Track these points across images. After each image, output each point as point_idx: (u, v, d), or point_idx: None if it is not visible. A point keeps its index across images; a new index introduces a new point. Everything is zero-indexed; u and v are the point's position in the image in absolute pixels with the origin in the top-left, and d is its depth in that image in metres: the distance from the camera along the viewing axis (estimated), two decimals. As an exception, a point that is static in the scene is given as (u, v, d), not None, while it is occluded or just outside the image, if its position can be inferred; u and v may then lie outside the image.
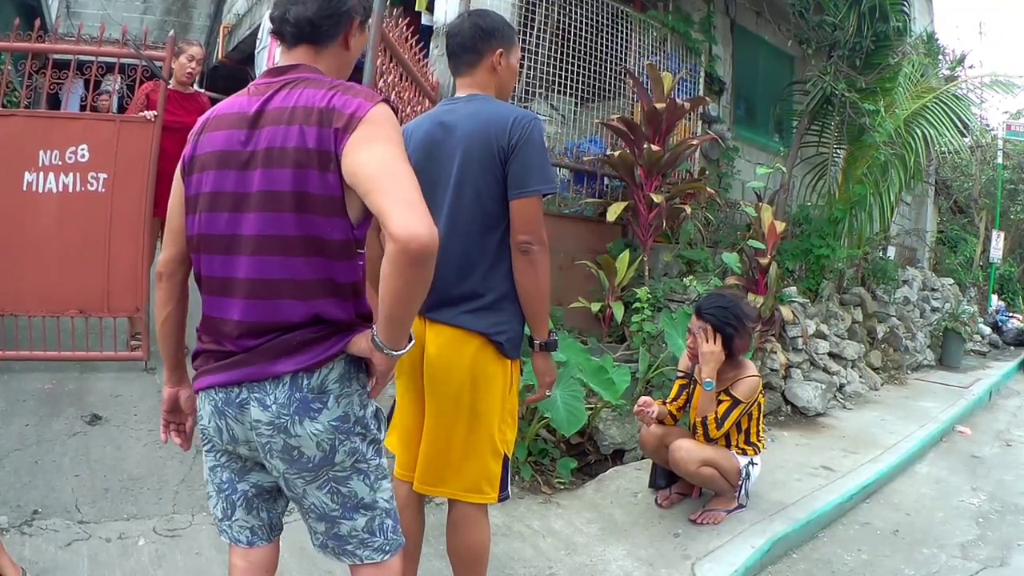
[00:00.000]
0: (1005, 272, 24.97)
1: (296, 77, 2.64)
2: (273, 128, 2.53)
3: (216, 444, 2.77)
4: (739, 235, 10.68)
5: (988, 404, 12.28)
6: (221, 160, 2.60)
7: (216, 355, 2.66)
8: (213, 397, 2.66)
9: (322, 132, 2.46)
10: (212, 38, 19.19)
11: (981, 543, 6.20)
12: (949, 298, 17.29)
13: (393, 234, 2.24)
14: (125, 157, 7.02)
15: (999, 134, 23.54)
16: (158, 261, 2.88)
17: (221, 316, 2.62)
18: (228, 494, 2.84)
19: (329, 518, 2.73)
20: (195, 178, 2.67)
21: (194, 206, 2.67)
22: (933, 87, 12.85)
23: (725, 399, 5.64)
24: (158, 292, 2.89)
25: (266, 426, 2.57)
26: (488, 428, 3.62)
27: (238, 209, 2.56)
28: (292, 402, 2.54)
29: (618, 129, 9.52)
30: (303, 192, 2.47)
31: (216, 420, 2.67)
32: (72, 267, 6.90)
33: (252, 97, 2.65)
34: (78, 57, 7.17)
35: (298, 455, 2.60)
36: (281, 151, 2.49)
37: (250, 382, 2.57)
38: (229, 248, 2.58)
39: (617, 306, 8.80)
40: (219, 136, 2.63)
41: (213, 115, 2.72)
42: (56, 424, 6.02)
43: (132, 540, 4.57)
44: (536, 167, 3.41)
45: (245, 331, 2.57)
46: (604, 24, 10.56)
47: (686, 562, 5.11)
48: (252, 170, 2.54)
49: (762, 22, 13.45)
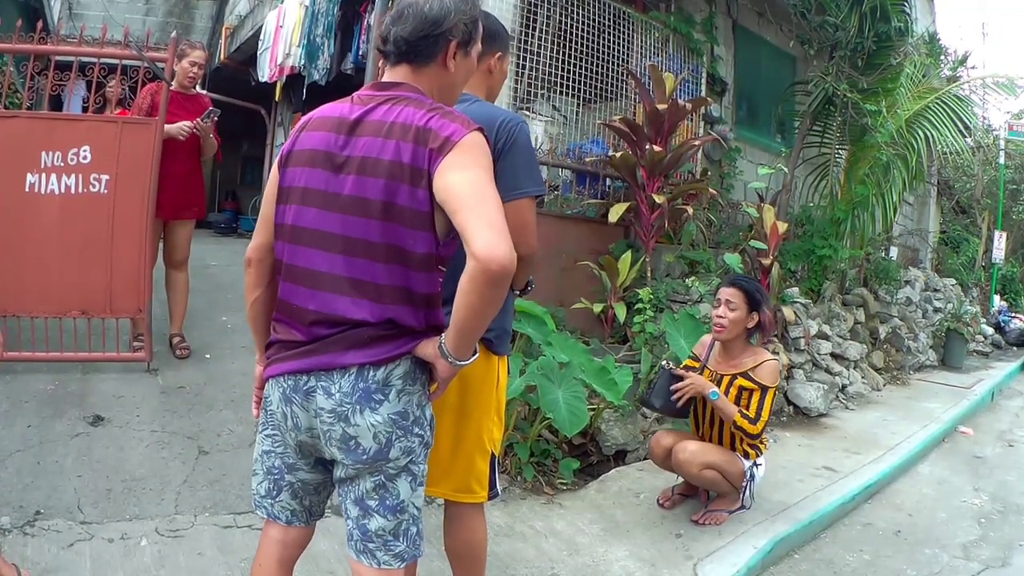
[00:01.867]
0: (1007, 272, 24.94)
1: (398, 95, 2.79)
2: (371, 139, 2.69)
3: (280, 430, 2.90)
4: (741, 236, 10.66)
5: (990, 404, 12.30)
6: (316, 159, 2.77)
7: (288, 344, 2.80)
8: (282, 384, 2.79)
9: (417, 150, 2.61)
10: (214, 39, 19.17)
11: (983, 543, 6.22)
12: (951, 298, 17.29)
13: (475, 253, 2.38)
14: (127, 158, 7.00)
15: (1001, 134, 23.51)
16: (250, 246, 3.00)
17: (298, 304, 2.77)
18: (277, 478, 2.98)
19: (364, 506, 2.80)
20: (291, 172, 2.84)
21: (286, 197, 2.83)
22: (935, 88, 12.83)
23: (752, 386, 5.63)
24: (248, 276, 3.03)
25: (328, 413, 2.69)
26: (477, 427, 3.64)
27: (328, 207, 2.71)
28: (355, 391, 2.66)
29: (620, 130, 9.52)
30: (391, 203, 2.62)
31: (283, 406, 2.81)
32: (74, 268, 6.88)
33: (355, 105, 2.81)
34: (80, 59, 7.18)
35: (355, 445, 2.70)
36: (376, 161, 2.65)
37: (319, 371, 2.70)
38: (315, 242, 2.73)
39: (619, 307, 8.80)
40: (317, 136, 2.80)
41: (316, 116, 2.90)
42: (58, 425, 6.02)
43: (134, 541, 4.58)
44: (523, 169, 3.42)
45: (318, 321, 2.71)
46: (606, 25, 10.55)
47: (688, 562, 5.11)
48: (345, 174, 2.70)
49: (764, 23, 13.45)
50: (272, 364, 2.85)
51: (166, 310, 7.94)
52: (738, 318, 5.67)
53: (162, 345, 7.72)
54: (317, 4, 11.83)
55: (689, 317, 7.62)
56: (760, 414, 5.54)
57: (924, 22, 16.80)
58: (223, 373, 7.41)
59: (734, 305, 5.67)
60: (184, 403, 6.73)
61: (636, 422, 7.19)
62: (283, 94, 14.63)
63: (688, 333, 7.35)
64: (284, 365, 2.78)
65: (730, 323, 5.68)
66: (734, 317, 5.67)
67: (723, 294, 5.79)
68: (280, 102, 16.35)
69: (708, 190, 10.05)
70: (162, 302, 7.84)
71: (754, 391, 5.62)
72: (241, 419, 6.49)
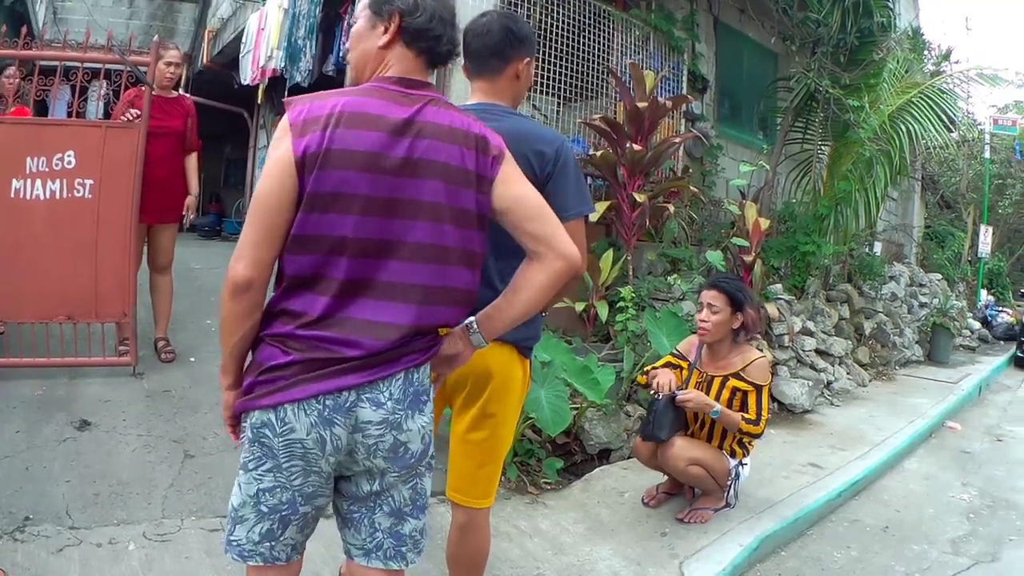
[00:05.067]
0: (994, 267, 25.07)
1: (436, 96, 2.75)
2: (433, 142, 2.63)
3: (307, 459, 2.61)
4: (723, 233, 10.71)
5: (978, 399, 12.35)
6: (374, 162, 2.56)
7: (321, 363, 2.56)
8: (315, 407, 2.55)
9: (479, 156, 2.68)
10: (197, 43, 19.19)
11: (972, 538, 6.24)
12: (937, 293, 17.37)
13: (564, 255, 2.69)
14: (111, 163, 7.00)
15: (986, 128, 23.60)
16: (247, 263, 2.56)
17: (364, 318, 2.58)
18: (286, 514, 2.69)
19: (399, 514, 2.78)
20: (336, 175, 2.53)
21: (334, 204, 2.54)
22: (918, 82, 12.86)
23: (746, 387, 5.65)
24: (242, 302, 2.61)
25: (377, 425, 2.61)
26: (508, 433, 3.72)
27: (394, 215, 2.60)
28: (407, 396, 2.65)
29: (600, 129, 9.51)
30: (463, 208, 2.66)
31: (320, 431, 2.56)
32: (60, 273, 6.88)
33: (390, 102, 2.66)
34: (64, 63, 7.18)
35: (404, 451, 2.68)
36: (445, 166, 2.63)
37: (368, 384, 2.59)
38: (382, 252, 2.60)
39: (601, 305, 8.80)
40: (366, 135, 2.56)
41: (345, 109, 2.59)
42: (46, 430, 6.02)
43: (122, 545, 4.57)
44: (575, 190, 3.48)
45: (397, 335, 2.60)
46: (586, 23, 10.54)
47: (674, 561, 5.12)
48: (409, 177, 2.60)
49: (745, 19, 13.47)
50: (291, 388, 2.55)
51: (151, 314, 7.94)
52: (721, 320, 5.68)
53: (147, 349, 7.72)
54: (298, 6, 11.80)
55: (671, 315, 7.64)
56: (760, 414, 5.58)
57: (907, 17, 16.83)
58: (208, 376, 7.41)
59: (716, 308, 5.67)
60: (170, 407, 6.74)
61: (619, 421, 7.20)
62: (265, 97, 14.60)
63: (670, 331, 7.36)
64: (319, 385, 2.54)
65: (714, 326, 5.69)
66: (717, 320, 5.67)
67: (705, 297, 5.80)
68: (262, 105, 16.37)
69: (689, 188, 10.04)
70: (147, 306, 7.85)
71: (749, 392, 5.63)
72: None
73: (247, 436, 2.65)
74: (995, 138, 23.81)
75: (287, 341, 2.59)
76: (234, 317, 2.63)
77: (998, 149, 25.53)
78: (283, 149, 2.56)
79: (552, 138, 3.54)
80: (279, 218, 2.56)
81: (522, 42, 3.62)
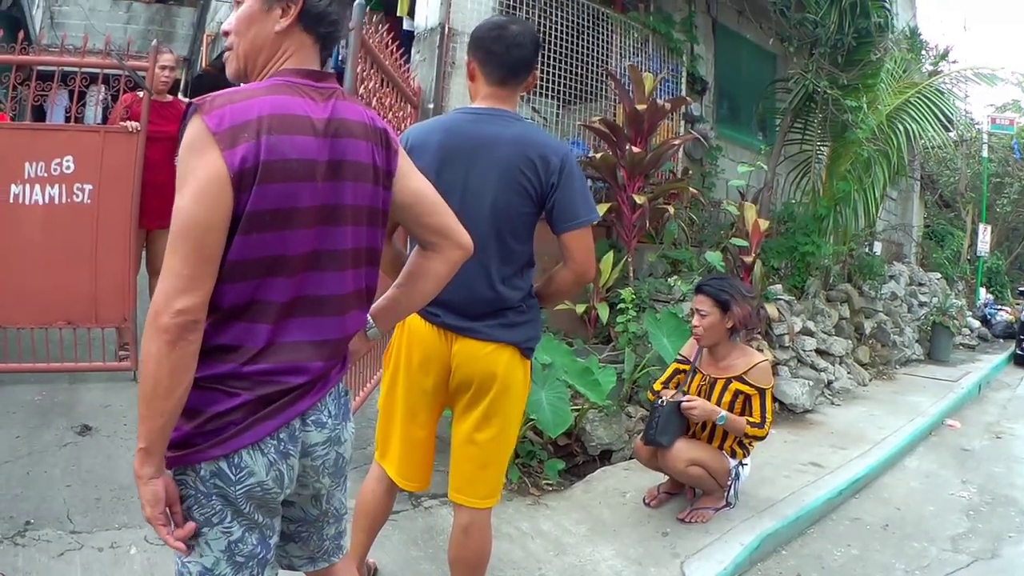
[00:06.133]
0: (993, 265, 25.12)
1: (340, 88, 2.52)
2: (353, 141, 2.43)
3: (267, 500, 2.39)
4: (723, 234, 10.70)
5: (977, 397, 12.36)
6: (309, 170, 2.32)
7: (273, 396, 2.32)
8: (272, 443, 2.33)
9: (382, 152, 2.54)
10: (195, 47, 19.22)
11: (972, 536, 6.24)
12: (937, 292, 17.40)
13: (462, 244, 2.71)
14: (110, 168, 7.03)
15: (984, 127, 23.63)
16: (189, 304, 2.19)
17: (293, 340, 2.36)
18: (263, 555, 2.47)
19: (339, 517, 2.79)
20: (276, 189, 2.25)
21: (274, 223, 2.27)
22: (916, 82, 12.88)
23: (750, 391, 5.66)
24: (183, 349, 2.18)
25: (322, 445, 2.49)
26: (513, 433, 3.76)
27: (328, 223, 2.39)
28: (340, 409, 2.58)
29: (600, 131, 9.53)
30: (373, 206, 2.54)
31: (279, 467, 2.36)
32: (59, 278, 6.91)
33: (306, 99, 2.38)
34: (62, 68, 7.18)
35: (342, 462, 2.63)
36: (360, 165, 2.46)
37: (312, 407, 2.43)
38: (317, 265, 2.39)
39: (602, 307, 8.82)
40: (300, 142, 2.30)
41: (269, 113, 2.28)
42: (47, 435, 6.03)
43: (124, 549, 4.56)
44: (581, 198, 3.54)
45: (332, 351, 2.47)
46: (585, 26, 10.56)
47: (675, 560, 5.13)
48: (338, 180, 2.39)
49: (744, 21, 13.47)
50: (246, 430, 2.29)
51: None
52: (712, 323, 5.68)
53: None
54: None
55: (671, 316, 7.66)
56: (765, 416, 5.60)
57: (905, 17, 16.85)
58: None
59: (704, 312, 5.67)
60: (170, 412, 6.70)
61: (621, 422, 7.21)
62: (264, 101, 14.60)
63: (670, 332, 7.39)
64: (274, 421, 2.32)
65: (706, 330, 5.70)
66: (708, 323, 5.68)
67: (694, 303, 5.83)
68: (261, 109, 16.36)
69: (689, 189, 10.07)
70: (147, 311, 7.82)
71: (752, 396, 5.64)
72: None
73: (198, 491, 2.33)
74: (993, 137, 23.85)
75: (228, 381, 2.29)
76: (174, 371, 2.18)
77: (996, 148, 25.55)
78: (210, 164, 2.21)
79: (558, 146, 3.59)
80: (217, 245, 2.24)
81: (536, 51, 3.68)
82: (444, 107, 8.79)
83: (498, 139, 3.50)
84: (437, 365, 3.59)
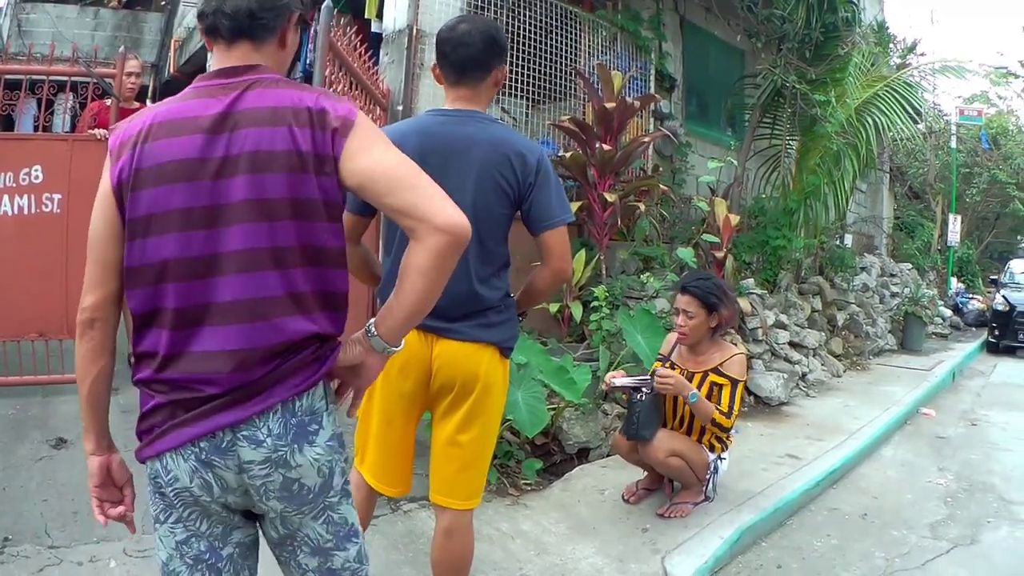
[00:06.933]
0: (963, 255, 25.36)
1: (263, 77, 2.34)
2: (255, 130, 2.24)
3: (201, 503, 2.37)
4: (694, 230, 10.75)
5: (952, 385, 12.49)
6: (188, 170, 2.24)
7: (188, 403, 2.27)
8: (192, 451, 2.27)
9: (316, 134, 2.25)
10: (163, 52, 19.12)
11: (950, 522, 6.29)
12: (908, 283, 17.51)
13: (442, 225, 2.17)
14: (79, 177, 6.96)
15: (952, 119, 23.81)
16: (86, 304, 2.42)
17: (206, 350, 2.26)
18: (211, 563, 2.45)
19: (323, 551, 2.49)
20: (148, 194, 2.26)
21: (151, 228, 2.27)
22: (884, 75, 12.98)
23: (723, 381, 5.69)
24: (85, 344, 2.43)
25: (260, 465, 2.28)
26: (494, 433, 3.75)
27: (216, 224, 2.24)
28: (288, 431, 2.30)
29: (569, 130, 9.54)
30: (301, 198, 2.25)
31: (202, 475, 2.30)
32: (30, 290, 6.87)
33: (207, 99, 2.31)
34: (30, 77, 7.15)
35: (298, 488, 2.35)
36: (269, 155, 2.22)
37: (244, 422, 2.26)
38: (212, 270, 2.25)
39: (575, 306, 8.82)
40: (178, 143, 2.24)
41: (156, 120, 2.30)
42: (21, 449, 5.99)
43: (103, 563, 4.54)
44: (557, 199, 3.54)
45: (243, 362, 2.25)
46: (553, 25, 10.56)
47: (656, 556, 5.13)
48: (229, 178, 2.23)
49: (711, 18, 13.51)
50: (166, 434, 2.30)
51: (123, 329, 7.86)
52: (698, 323, 5.71)
53: (121, 364, 7.63)
54: (264, 15, 11.76)
55: (645, 313, 7.67)
56: (732, 407, 5.61)
57: (872, 11, 16.95)
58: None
59: (691, 313, 5.69)
60: (145, 422, 6.66)
61: (597, 420, 7.21)
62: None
63: (644, 329, 7.40)
64: (192, 429, 2.26)
65: (691, 330, 5.72)
66: (694, 324, 5.70)
67: (679, 303, 5.83)
68: (232, 113, 16.32)
69: (659, 186, 10.06)
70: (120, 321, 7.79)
71: (724, 386, 5.67)
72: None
73: (150, 486, 2.43)
74: (961, 128, 24.06)
75: (151, 384, 2.34)
76: (80, 359, 2.44)
77: (964, 139, 25.77)
78: (103, 180, 2.37)
79: (533, 147, 3.59)
80: (111, 253, 2.37)
81: (502, 50, 3.64)
82: (413, 109, 8.76)
83: (474, 140, 3.48)
84: (417, 368, 3.55)
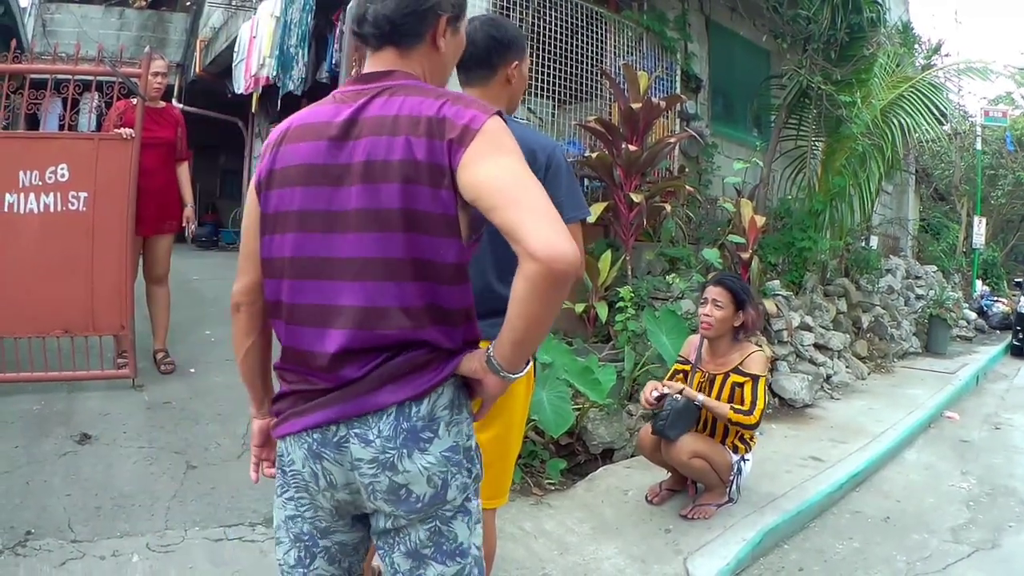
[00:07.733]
0: (988, 257, 25.19)
1: (393, 84, 2.34)
2: (374, 138, 2.23)
3: (310, 492, 2.42)
4: (720, 231, 10.71)
5: (976, 388, 12.38)
6: (309, 174, 2.31)
7: (306, 395, 2.34)
8: (306, 440, 2.33)
9: (433, 144, 2.18)
10: (189, 52, 19.16)
11: (972, 526, 6.26)
12: (933, 285, 17.41)
13: (535, 252, 2.00)
14: (105, 175, 7.02)
15: (977, 120, 23.69)
16: (235, 289, 2.56)
17: (311, 349, 2.32)
18: (309, 545, 2.50)
19: (419, 556, 2.37)
20: (277, 194, 2.37)
21: (276, 226, 2.37)
22: (909, 76, 12.90)
23: (743, 379, 5.70)
24: (236, 323, 2.61)
25: (368, 464, 2.26)
26: (518, 432, 3.76)
27: (333, 229, 2.27)
28: (399, 434, 2.25)
29: (595, 130, 9.52)
30: (413, 210, 2.19)
31: (312, 465, 2.34)
32: (56, 287, 6.90)
33: (339, 105, 2.35)
34: (55, 76, 7.17)
35: (406, 495, 2.28)
36: (385, 164, 2.20)
37: (349, 419, 2.26)
38: (323, 272, 2.29)
39: (601, 306, 8.80)
40: (304, 147, 2.33)
41: (294, 124, 2.42)
42: (46, 444, 6.02)
43: (126, 557, 4.56)
44: (568, 195, 3.44)
45: (343, 362, 2.26)
46: (579, 26, 10.57)
47: (678, 557, 5.13)
48: (348, 185, 2.24)
49: (737, 18, 13.47)
50: (288, 420, 2.37)
51: (149, 326, 7.93)
52: (724, 316, 5.74)
53: (146, 361, 7.70)
54: (290, 14, 11.75)
55: (670, 314, 7.66)
56: (755, 403, 5.59)
57: (897, 11, 16.85)
58: (208, 387, 7.42)
59: (721, 304, 5.73)
60: (170, 418, 6.74)
61: (622, 420, 7.21)
62: (259, 105, 14.58)
63: (669, 330, 7.39)
64: (306, 419, 2.31)
65: (717, 321, 5.75)
66: (721, 316, 5.73)
67: (710, 293, 5.86)
68: (257, 113, 16.37)
69: (685, 187, 10.03)
70: (145, 318, 7.85)
71: (745, 383, 5.68)
72: (228, 432, 6.49)
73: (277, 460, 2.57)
74: (986, 130, 23.90)
75: (282, 372, 2.44)
76: (234, 337, 2.67)
77: (989, 141, 25.61)
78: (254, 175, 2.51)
79: (546, 144, 3.52)
80: (251, 244, 2.48)
81: (509, 47, 3.55)
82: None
83: None
84: None
